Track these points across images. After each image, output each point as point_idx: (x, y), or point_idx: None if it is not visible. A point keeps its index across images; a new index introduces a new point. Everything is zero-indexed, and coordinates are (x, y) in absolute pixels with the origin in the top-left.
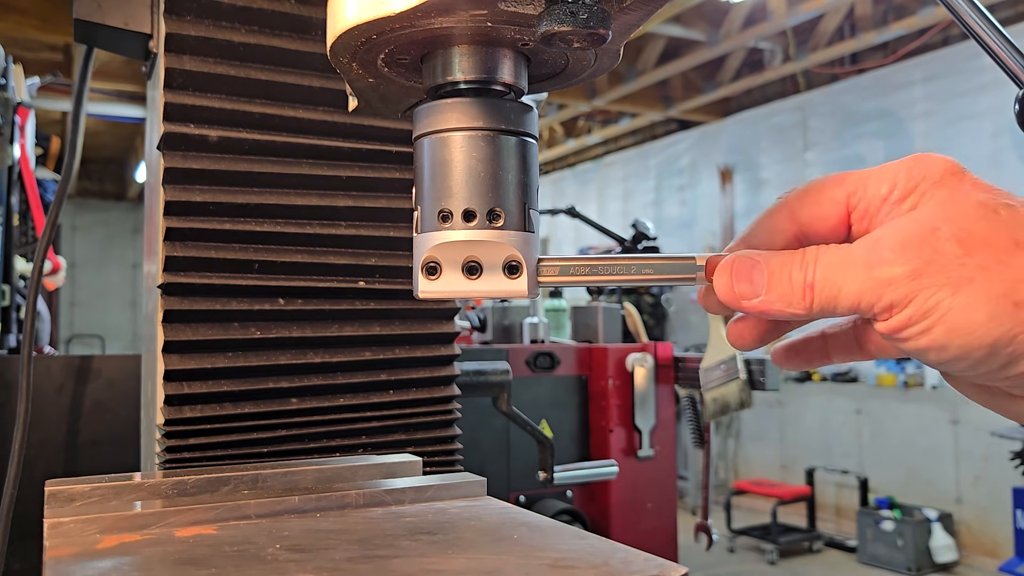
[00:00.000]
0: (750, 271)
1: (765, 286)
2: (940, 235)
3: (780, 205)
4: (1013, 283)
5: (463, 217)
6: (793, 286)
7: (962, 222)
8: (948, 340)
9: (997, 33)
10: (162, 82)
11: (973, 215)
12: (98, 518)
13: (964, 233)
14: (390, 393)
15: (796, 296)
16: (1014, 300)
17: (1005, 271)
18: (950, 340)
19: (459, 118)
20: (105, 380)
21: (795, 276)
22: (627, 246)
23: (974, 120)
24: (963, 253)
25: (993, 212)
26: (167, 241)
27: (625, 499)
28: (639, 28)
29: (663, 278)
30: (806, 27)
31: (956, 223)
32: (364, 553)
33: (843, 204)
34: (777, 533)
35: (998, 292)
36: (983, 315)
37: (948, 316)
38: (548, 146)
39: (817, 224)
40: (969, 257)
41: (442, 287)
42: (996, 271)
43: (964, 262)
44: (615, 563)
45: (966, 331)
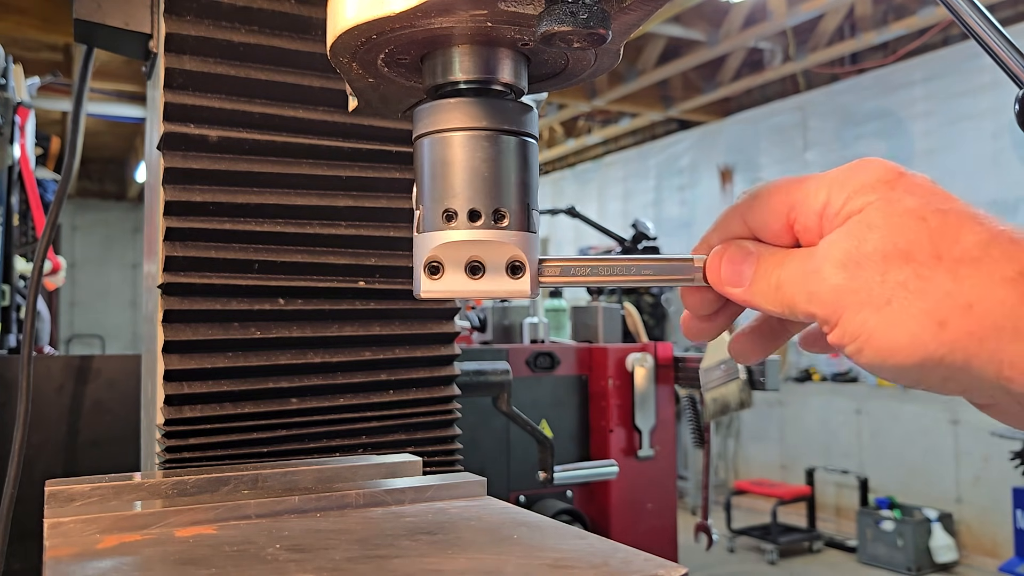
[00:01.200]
0: (742, 261)
1: (751, 279)
2: (864, 249)
3: (733, 209)
4: (935, 301)
5: (468, 217)
6: (769, 285)
7: (887, 233)
8: (880, 360)
9: (997, 33)
10: (162, 82)
11: (899, 225)
12: (98, 518)
13: (888, 245)
14: (390, 393)
15: (770, 294)
16: (936, 320)
17: (925, 288)
18: (882, 360)
19: (464, 118)
20: (105, 380)
21: (771, 276)
22: (627, 246)
23: (974, 120)
24: (884, 269)
25: (920, 220)
26: (167, 241)
27: (625, 499)
28: (639, 28)
29: (662, 279)
30: (806, 27)
31: (881, 234)
32: (364, 553)
33: (784, 216)
34: (777, 533)
35: (918, 312)
36: (905, 337)
37: (873, 338)
38: (548, 146)
39: (763, 231)
40: (890, 273)
41: (445, 287)
42: (916, 288)
43: (885, 279)
44: (615, 563)
45: (891, 352)
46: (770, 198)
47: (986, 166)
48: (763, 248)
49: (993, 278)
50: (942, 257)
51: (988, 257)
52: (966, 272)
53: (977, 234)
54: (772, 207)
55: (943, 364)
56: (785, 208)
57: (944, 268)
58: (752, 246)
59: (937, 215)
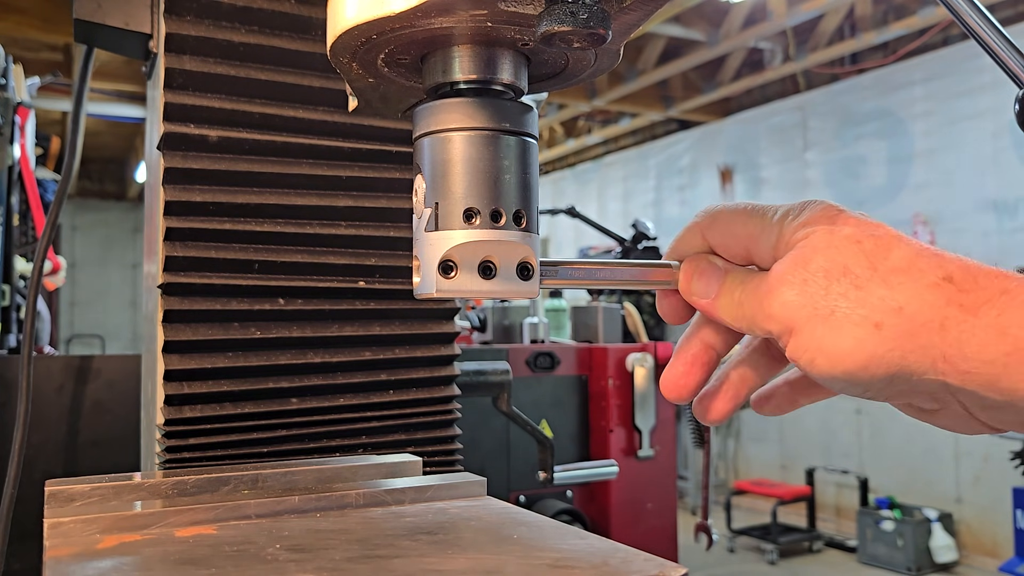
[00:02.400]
0: (710, 275)
1: (716, 292)
2: (809, 268)
3: (694, 226)
4: (871, 306)
5: (491, 217)
6: (732, 300)
7: (828, 254)
8: (831, 367)
9: (997, 33)
10: (162, 82)
11: (839, 247)
12: (98, 518)
13: (829, 264)
14: (390, 393)
15: (732, 309)
16: (873, 322)
17: (863, 296)
18: (833, 367)
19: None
20: (105, 380)
21: (734, 292)
22: (627, 246)
23: (974, 120)
24: (827, 283)
25: (857, 243)
26: (167, 241)
27: (625, 499)
28: (639, 28)
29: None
30: (806, 27)
31: (824, 255)
32: (364, 553)
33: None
34: (777, 533)
35: (858, 317)
36: (850, 342)
37: (823, 346)
38: (548, 146)
39: (721, 250)
40: (832, 286)
41: (457, 286)
42: (855, 297)
43: (828, 292)
44: (615, 563)
45: (840, 358)
46: (730, 225)
47: (986, 166)
48: (729, 266)
49: (920, 283)
50: (877, 268)
51: (915, 266)
52: (897, 280)
53: (905, 249)
54: (731, 233)
55: (884, 363)
56: (744, 237)
57: (878, 278)
58: (720, 263)
59: (871, 239)
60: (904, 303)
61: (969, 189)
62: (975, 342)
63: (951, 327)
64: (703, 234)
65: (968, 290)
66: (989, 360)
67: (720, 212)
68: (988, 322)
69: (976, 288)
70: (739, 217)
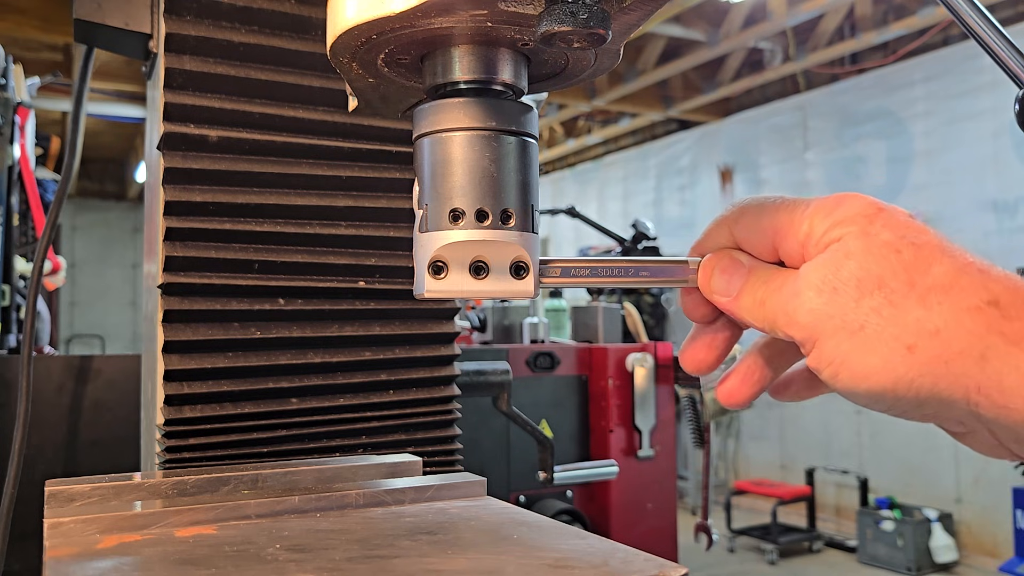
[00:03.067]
0: (733, 272)
1: (739, 290)
2: (840, 276)
3: (722, 220)
4: (904, 326)
5: (475, 216)
6: (755, 300)
7: (863, 261)
8: (855, 385)
9: (997, 33)
10: (162, 82)
11: (875, 255)
12: (98, 518)
13: (863, 273)
14: (390, 393)
15: (754, 309)
16: (906, 344)
17: (897, 314)
18: (856, 385)
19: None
20: (105, 380)
21: (758, 291)
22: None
23: (974, 120)
24: (859, 295)
25: (895, 252)
26: (167, 241)
27: (625, 499)
28: (639, 28)
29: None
30: (806, 27)
31: (857, 263)
32: (364, 553)
33: (769, 239)
34: (777, 533)
35: (890, 336)
36: (878, 361)
37: (847, 362)
38: (548, 146)
39: (748, 246)
40: (864, 299)
41: (448, 287)
42: (888, 314)
43: (859, 305)
44: (615, 563)
45: (865, 376)
46: (758, 218)
47: (986, 166)
48: (754, 263)
49: (961, 306)
50: (915, 285)
51: (957, 286)
52: (936, 299)
53: (947, 265)
54: (759, 227)
55: (913, 388)
56: (771, 231)
57: (916, 295)
58: (745, 259)
59: (911, 248)
60: (942, 326)
61: (969, 189)
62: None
63: (992, 358)
64: (730, 229)
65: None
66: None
67: (748, 205)
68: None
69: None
70: (768, 210)
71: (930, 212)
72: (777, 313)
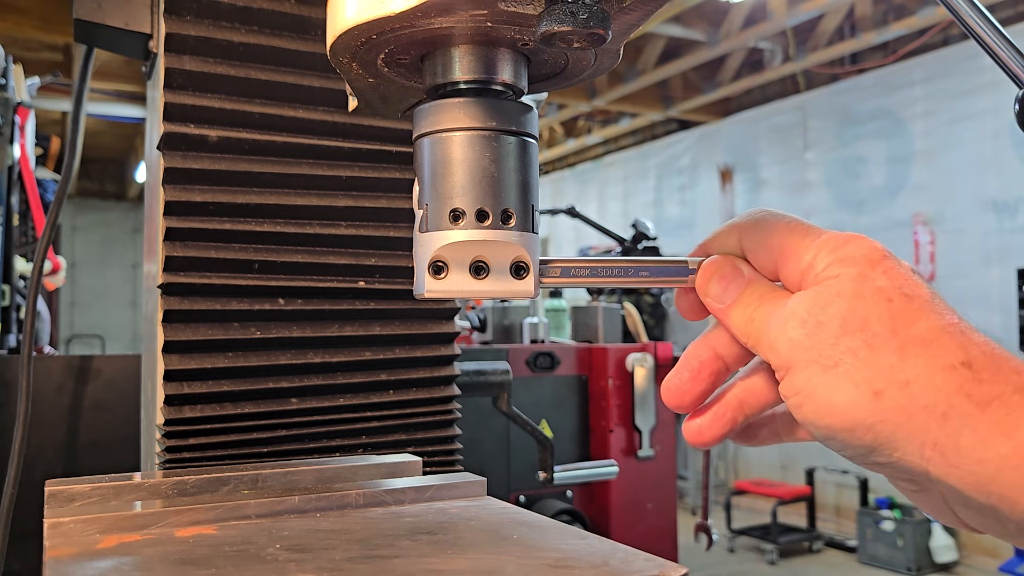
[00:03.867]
0: (731, 280)
1: (733, 301)
2: (827, 312)
3: (735, 226)
4: (877, 372)
5: (476, 216)
6: (745, 314)
7: (852, 303)
8: (816, 418)
9: (997, 33)
10: (162, 82)
11: (866, 298)
12: (98, 518)
13: (850, 314)
14: (390, 393)
15: (742, 324)
16: (874, 388)
17: (872, 358)
18: (818, 418)
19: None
20: (105, 380)
21: (749, 307)
22: (627, 246)
23: (974, 120)
24: (840, 333)
25: (887, 300)
26: (167, 241)
27: (625, 499)
28: (639, 28)
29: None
30: (806, 27)
31: (847, 303)
32: (364, 553)
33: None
34: (777, 533)
35: (861, 378)
36: (843, 399)
37: (815, 394)
38: (548, 146)
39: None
40: (844, 338)
41: (448, 287)
42: (864, 357)
43: (838, 343)
44: (615, 563)
45: (827, 412)
46: (770, 233)
47: (986, 166)
48: (754, 276)
49: (936, 363)
50: (897, 334)
51: (937, 342)
52: (914, 352)
53: (932, 321)
54: (767, 242)
55: (871, 432)
56: (777, 250)
57: (895, 344)
58: (746, 269)
59: (902, 298)
60: (913, 379)
61: (969, 189)
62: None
63: (953, 416)
64: (740, 235)
65: (984, 380)
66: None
67: (763, 219)
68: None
69: (994, 379)
70: (779, 229)
71: (930, 212)
72: (761, 334)
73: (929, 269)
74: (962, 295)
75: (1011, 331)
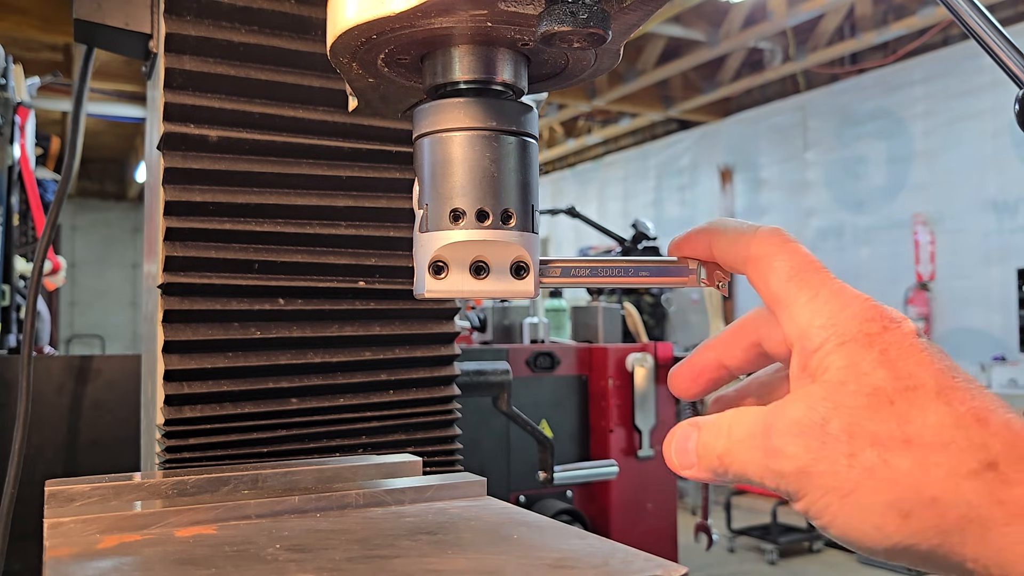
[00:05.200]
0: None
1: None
2: (829, 429)
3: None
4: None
5: (476, 216)
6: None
7: (853, 414)
8: (844, 541)
9: (997, 33)
10: (162, 82)
11: (866, 406)
12: (98, 518)
13: (854, 428)
14: (390, 393)
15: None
16: (900, 511)
17: (892, 475)
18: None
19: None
20: (105, 380)
21: (712, 445)
22: (627, 246)
23: (974, 120)
24: (851, 451)
25: (888, 403)
26: (167, 241)
27: (625, 499)
28: (639, 28)
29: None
30: (806, 27)
31: (847, 415)
32: (364, 553)
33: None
34: (777, 533)
35: (884, 501)
36: (870, 526)
37: (837, 521)
38: (548, 146)
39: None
40: (857, 457)
41: (449, 287)
42: (883, 475)
43: (852, 464)
44: (615, 563)
45: (857, 537)
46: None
47: (986, 166)
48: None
49: (958, 471)
50: (911, 443)
51: (954, 444)
52: (933, 460)
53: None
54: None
55: (909, 552)
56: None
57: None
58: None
59: (904, 397)
60: (939, 495)
61: (969, 189)
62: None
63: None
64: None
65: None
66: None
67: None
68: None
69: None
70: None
71: (930, 212)
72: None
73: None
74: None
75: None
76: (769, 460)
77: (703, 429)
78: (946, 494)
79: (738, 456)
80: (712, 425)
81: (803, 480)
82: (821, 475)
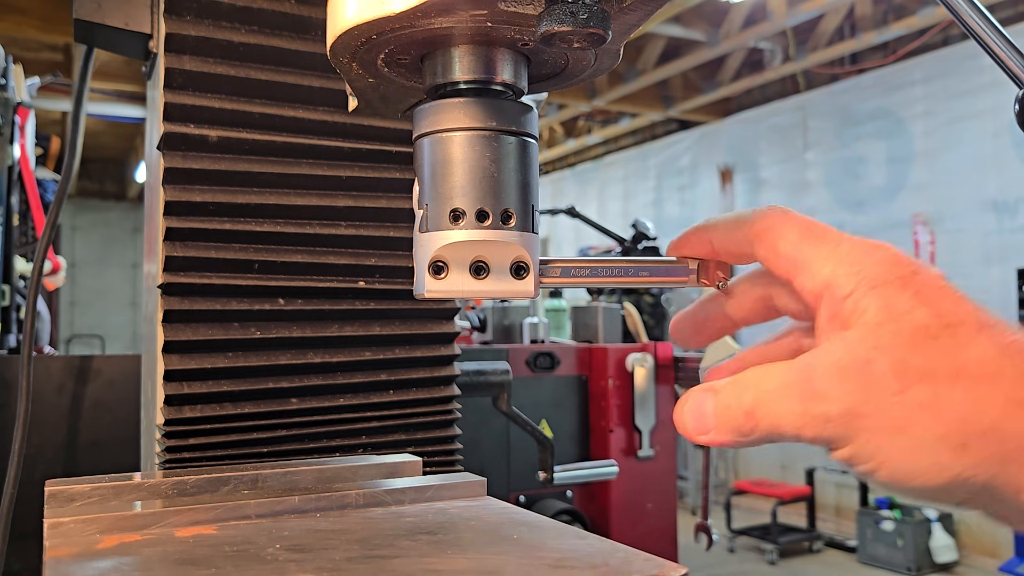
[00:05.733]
0: (701, 404)
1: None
2: (875, 368)
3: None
4: (955, 423)
5: (476, 217)
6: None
7: (898, 352)
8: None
9: (997, 33)
10: (162, 82)
11: (909, 343)
12: (98, 518)
13: (901, 365)
14: (390, 393)
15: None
16: (957, 443)
17: (945, 408)
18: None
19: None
20: (105, 380)
21: (735, 403)
22: (627, 246)
23: (974, 120)
24: (900, 388)
25: (932, 338)
26: (167, 241)
27: (625, 499)
28: (639, 28)
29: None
30: (806, 27)
31: (892, 354)
32: (364, 553)
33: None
34: (777, 533)
35: (938, 435)
36: (925, 462)
37: (889, 462)
38: (548, 146)
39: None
40: (907, 393)
41: (449, 287)
42: (935, 409)
43: (902, 400)
44: (615, 563)
45: (909, 477)
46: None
47: (986, 166)
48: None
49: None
50: (959, 375)
51: (1003, 374)
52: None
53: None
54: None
55: (967, 484)
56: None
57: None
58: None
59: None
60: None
61: (969, 189)
62: None
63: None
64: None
65: None
66: None
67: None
68: None
69: None
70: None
71: (930, 212)
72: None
73: None
74: None
75: None
76: (810, 405)
77: (721, 392)
78: (1003, 423)
79: (771, 407)
80: (733, 384)
81: (851, 422)
82: (870, 415)
